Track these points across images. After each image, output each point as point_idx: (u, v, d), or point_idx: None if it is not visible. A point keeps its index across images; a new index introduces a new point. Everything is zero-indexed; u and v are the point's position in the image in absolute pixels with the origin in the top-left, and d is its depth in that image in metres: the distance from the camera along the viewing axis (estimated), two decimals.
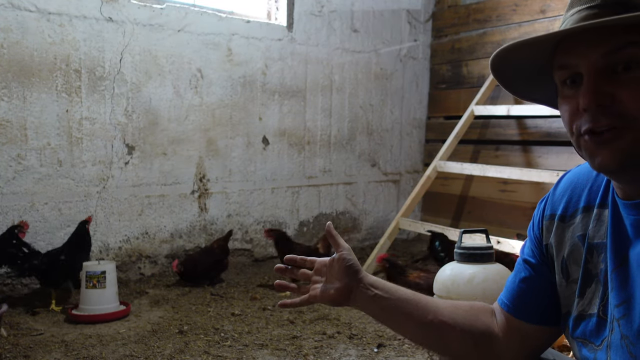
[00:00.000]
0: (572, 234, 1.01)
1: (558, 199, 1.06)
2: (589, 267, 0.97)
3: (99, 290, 2.90)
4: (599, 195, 0.98)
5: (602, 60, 0.82)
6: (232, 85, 3.94)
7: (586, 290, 0.97)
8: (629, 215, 0.90)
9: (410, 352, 2.50)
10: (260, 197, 4.15)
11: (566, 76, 0.88)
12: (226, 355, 2.42)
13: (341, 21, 4.45)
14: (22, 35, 3.14)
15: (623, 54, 0.81)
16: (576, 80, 0.87)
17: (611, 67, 0.82)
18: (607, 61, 0.82)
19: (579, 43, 0.85)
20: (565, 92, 0.89)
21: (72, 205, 3.36)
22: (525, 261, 1.12)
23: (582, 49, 0.84)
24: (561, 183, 1.08)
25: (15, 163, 3.17)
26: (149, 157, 3.63)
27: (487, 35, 4.57)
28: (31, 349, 2.44)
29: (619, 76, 0.82)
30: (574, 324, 0.98)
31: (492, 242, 2.14)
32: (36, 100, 3.20)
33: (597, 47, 0.82)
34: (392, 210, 4.91)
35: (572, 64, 0.86)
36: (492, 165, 3.87)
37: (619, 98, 0.81)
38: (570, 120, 0.88)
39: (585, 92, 0.83)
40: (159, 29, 3.59)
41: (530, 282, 1.09)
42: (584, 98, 0.83)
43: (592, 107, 0.82)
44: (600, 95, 0.82)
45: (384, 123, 4.83)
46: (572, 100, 0.87)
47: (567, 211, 1.03)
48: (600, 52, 0.82)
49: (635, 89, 0.81)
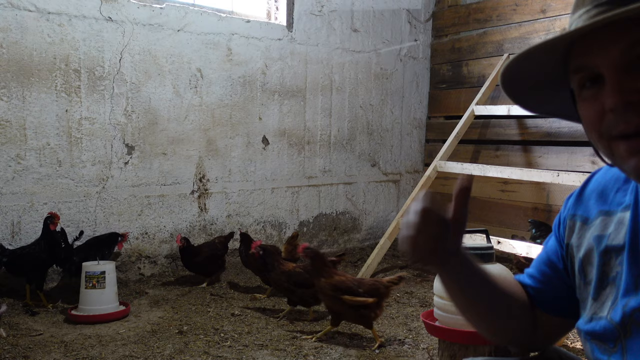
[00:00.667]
0: (590, 235, 1.00)
1: (586, 200, 1.04)
2: (606, 269, 0.95)
3: (99, 290, 2.90)
4: (624, 199, 0.95)
5: (622, 56, 0.79)
6: (232, 85, 3.94)
7: (601, 292, 0.96)
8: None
9: (411, 353, 2.49)
10: (260, 197, 4.15)
11: (585, 78, 0.84)
12: (226, 356, 2.42)
13: (341, 21, 4.45)
14: (22, 35, 3.13)
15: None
16: (596, 80, 0.83)
17: (632, 62, 0.79)
18: (628, 57, 0.79)
19: (593, 42, 0.82)
20: (585, 95, 0.85)
21: (71, 205, 3.36)
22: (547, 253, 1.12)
23: (598, 48, 0.81)
24: (591, 183, 1.06)
25: (15, 163, 3.17)
26: (149, 157, 3.63)
27: (488, 35, 4.56)
28: (31, 349, 2.44)
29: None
30: (585, 325, 0.98)
31: (492, 242, 2.14)
32: (35, 100, 3.20)
33: (615, 43, 0.79)
34: (392, 210, 4.91)
35: (590, 64, 0.82)
36: (492, 165, 3.87)
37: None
38: (595, 123, 0.84)
39: (611, 92, 0.79)
40: (158, 29, 3.59)
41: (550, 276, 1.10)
42: (610, 98, 0.79)
43: (621, 106, 0.79)
44: (627, 92, 0.78)
45: (384, 123, 4.83)
46: (595, 102, 0.83)
47: (591, 214, 1.01)
48: (618, 48, 0.79)
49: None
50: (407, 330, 2.78)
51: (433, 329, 2.08)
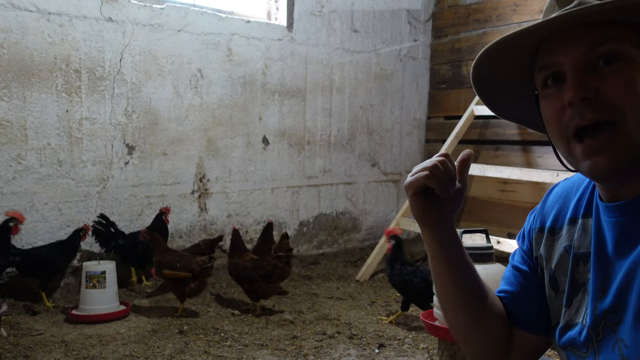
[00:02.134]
0: (560, 245, 1.01)
1: (548, 211, 1.07)
2: (576, 277, 0.97)
3: (99, 290, 2.90)
4: (584, 205, 0.99)
5: (584, 56, 0.83)
6: (232, 85, 3.94)
7: (573, 299, 0.98)
8: (610, 218, 0.91)
9: (411, 352, 2.50)
10: (260, 197, 4.15)
11: (547, 75, 0.88)
12: (226, 355, 2.42)
13: (341, 21, 4.45)
14: (22, 35, 3.14)
15: (603, 48, 0.82)
16: (559, 79, 0.87)
17: (593, 62, 0.83)
18: (589, 57, 0.83)
19: (559, 42, 0.85)
20: (547, 92, 0.89)
21: (72, 205, 3.36)
22: (515, 267, 1.12)
23: (563, 47, 0.85)
24: (551, 195, 1.09)
25: (15, 163, 3.17)
26: (149, 157, 3.63)
27: (487, 35, 4.57)
28: (31, 349, 2.44)
29: (602, 70, 0.82)
30: (561, 333, 0.99)
31: (492, 242, 2.14)
32: (36, 100, 3.20)
33: (578, 43, 0.83)
34: (392, 210, 4.91)
35: (554, 62, 0.86)
36: (492, 165, 3.87)
37: (603, 91, 0.82)
38: (555, 120, 0.88)
39: (570, 87, 0.83)
40: (158, 29, 3.59)
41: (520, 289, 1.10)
42: (569, 92, 0.83)
43: (578, 100, 0.82)
44: (585, 89, 0.82)
45: (384, 123, 4.83)
46: (556, 99, 0.87)
47: (557, 223, 1.04)
48: (581, 48, 0.83)
49: (618, 81, 0.81)
50: (407, 330, 2.78)
51: (433, 329, 2.09)
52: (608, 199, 0.92)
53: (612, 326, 0.88)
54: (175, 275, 2.88)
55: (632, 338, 0.84)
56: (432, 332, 2.17)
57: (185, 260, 2.92)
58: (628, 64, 0.82)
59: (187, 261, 2.92)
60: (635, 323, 0.84)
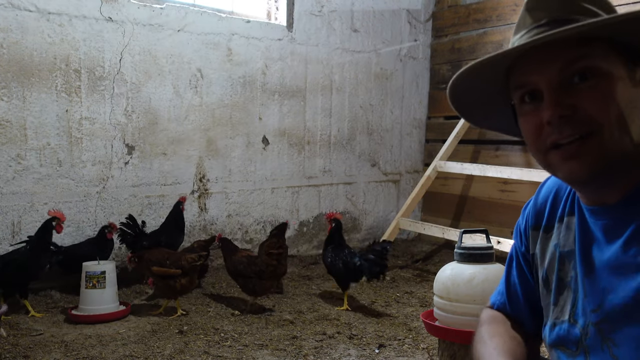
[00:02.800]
0: (551, 243, 1.03)
1: (542, 208, 1.07)
2: (561, 275, 0.99)
3: (99, 290, 2.90)
4: (568, 203, 1.00)
5: (559, 74, 0.85)
6: (232, 85, 3.94)
7: (559, 298, 0.99)
8: (597, 221, 0.92)
9: (411, 352, 2.49)
10: (260, 197, 4.15)
11: (524, 93, 0.90)
12: (226, 355, 2.42)
13: (341, 21, 4.45)
14: (22, 35, 3.14)
15: (578, 65, 0.84)
16: (536, 96, 0.88)
17: (568, 79, 0.85)
18: (564, 74, 0.85)
19: (533, 61, 0.87)
20: (525, 109, 0.91)
21: (72, 205, 3.36)
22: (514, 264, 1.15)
23: (537, 65, 0.86)
24: (543, 190, 1.10)
25: (15, 163, 3.17)
26: (149, 157, 3.63)
27: (487, 35, 4.56)
28: (31, 349, 2.44)
29: (577, 86, 0.84)
30: (550, 331, 1.00)
31: (492, 242, 2.14)
32: (36, 100, 3.20)
33: (553, 62, 0.85)
34: (392, 210, 4.91)
35: (530, 81, 0.88)
36: (492, 165, 3.87)
37: (580, 107, 0.83)
38: (534, 136, 0.89)
39: (548, 105, 0.85)
40: (158, 29, 3.59)
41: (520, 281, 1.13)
42: (547, 111, 0.85)
43: (556, 118, 0.84)
44: (562, 106, 0.84)
45: (384, 123, 4.83)
46: (534, 116, 0.88)
47: (550, 222, 1.05)
48: (556, 67, 0.85)
49: (594, 96, 0.83)
50: (407, 330, 2.78)
51: (433, 329, 2.09)
52: (591, 203, 0.93)
53: (599, 325, 0.89)
54: (165, 272, 2.91)
55: (621, 338, 0.85)
56: (432, 332, 2.17)
57: (175, 258, 2.97)
58: (603, 78, 0.84)
59: (176, 258, 2.96)
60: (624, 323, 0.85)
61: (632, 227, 0.85)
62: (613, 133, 0.83)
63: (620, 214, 0.88)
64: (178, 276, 2.92)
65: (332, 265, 3.19)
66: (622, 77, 0.84)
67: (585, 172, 0.85)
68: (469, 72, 0.91)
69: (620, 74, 0.84)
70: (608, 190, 0.89)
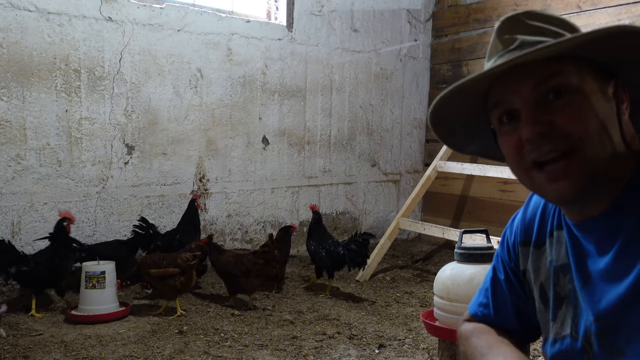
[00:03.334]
0: (546, 259, 1.03)
1: (530, 224, 1.08)
2: (558, 290, 0.99)
3: (99, 290, 2.90)
4: (556, 217, 1.01)
5: (534, 92, 0.86)
6: (232, 85, 3.94)
7: (558, 313, 1.00)
8: (586, 235, 0.93)
9: (411, 352, 2.49)
10: (260, 197, 4.15)
11: (502, 112, 0.91)
12: (226, 356, 2.42)
13: (341, 21, 4.45)
14: (22, 35, 3.13)
15: (551, 83, 0.85)
16: (513, 116, 0.90)
17: (543, 97, 0.86)
18: (539, 92, 0.86)
19: (508, 82, 0.89)
20: (504, 129, 0.92)
21: (71, 205, 3.36)
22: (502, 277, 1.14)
23: (512, 86, 0.88)
24: (531, 204, 1.10)
25: (15, 163, 3.17)
26: (149, 157, 3.63)
27: (488, 35, 4.56)
28: (30, 349, 2.44)
29: (553, 104, 0.86)
30: (551, 347, 1.00)
31: (492, 242, 2.13)
32: (35, 100, 3.20)
33: (527, 81, 0.87)
34: (392, 210, 4.90)
35: (506, 100, 0.90)
36: (492, 165, 3.86)
37: (557, 123, 0.85)
38: (514, 155, 0.91)
39: (526, 124, 0.87)
40: (158, 29, 3.59)
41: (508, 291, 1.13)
42: (525, 129, 0.87)
43: (534, 136, 0.86)
44: (539, 124, 0.86)
45: (384, 123, 4.83)
46: (513, 135, 0.90)
47: (540, 237, 1.05)
48: (530, 85, 0.86)
49: (570, 112, 0.85)
50: (407, 330, 2.77)
51: (433, 329, 2.08)
52: (576, 218, 0.94)
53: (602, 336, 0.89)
54: (164, 273, 2.92)
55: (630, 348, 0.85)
56: (432, 332, 2.17)
57: (171, 258, 3.00)
58: (577, 94, 0.85)
59: (172, 258, 2.99)
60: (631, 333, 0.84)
61: (622, 239, 0.86)
62: (593, 147, 0.85)
63: (608, 226, 0.89)
64: (176, 275, 2.94)
65: (317, 253, 3.39)
66: (594, 91, 0.86)
67: (572, 191, 0.87)
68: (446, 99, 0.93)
69: (593, 88, 0.86)
70: (593, 205, 0.90)
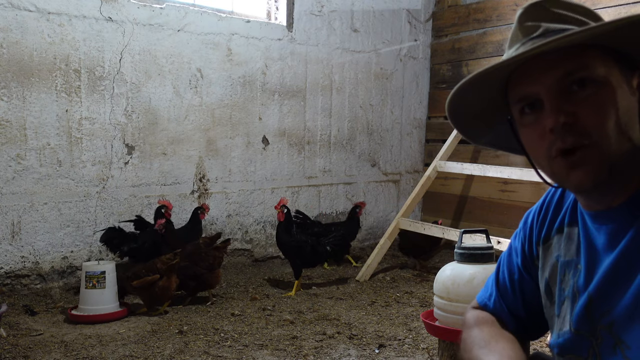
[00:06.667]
0: (552, 255, 1.04)
1: (543, 219, 1.08)
2: (563, 286, 1.00)
3: (99, 290, 2.90)
4: (568, 213, 1.01)
5: (558, 83, 0.86)
6: (232, 85, 3.94)
7: (561, 308, 1.00)
8: (601, 225, 0.93)
9: (411, 353, 2.49)
10: (260, 197, 4.15)
11: (524, 104, 0.90)
12: (226, 356, 2.42)
13: (341, 21, 4.45)
14: (22, 35, 3.13)
15: (577, 75, 0.85)
16: (535, 105, 0.89)
17: (567, 87, 0.86)
18: (564, 82, 0.85)
19: (531, 71, 0.88)
20: (525, 120, 0.91)
21: (71, 205, 3.36)
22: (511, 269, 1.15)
23: (536, 76, 0.87)
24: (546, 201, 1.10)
25: (15, 163, 3.17)
26: (149, 157, 3.63)
27: (488, 35, 4.56)
28: (31, 349, 2.44)
29: (577, 94, 0.85)
30: (556, 341, 1.00)
31: (492, 242, 2.14)
32: (36, 100, 3.20)
33: (551, 70, 0.86)
34: (392, 210, 4.91)
35: (530, 92, 0.89)
36: (492, 165, 3.86)
37: (581, 114, 0.84)
38: (538, 145, 0.90)
39: (550, 114, 0.86)
40: (158, 29, 3.59)
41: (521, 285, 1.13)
42: (549, 119, 0.86)
43: (559, 126, 0.85)
44: (564, 114, 0.85)
45: (384, 123, 4.83)
46: (536, 125, 0.89)
47: (548, 232, 1.06)
48: (555, 76, 0.85)
49: (594, 104, 0.84)
50: (407, 330, 2.78)
51: (433, 329, 2.08)
52: (594, 208, 0.94)
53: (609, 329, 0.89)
54: (143, 282, 2.89)
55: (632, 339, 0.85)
56: (432, 332, 2.17)
57: (148, 265, 2.95)
58: (601, 86, 0.85)
59: (150, 265, 2.94)
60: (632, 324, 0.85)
61: (634, 229, 0.86)
62: (614, 140, 0.84)
63: (624, 216, 0.89)
64: (157, 281, 2.91)
65: (287, 246, 3.45)
66: (619, 84, 0.85)
67: (590, 180, 0.86)
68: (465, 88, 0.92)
69: (618, 81, 0.85)
70: (612, 196, 0.90)
